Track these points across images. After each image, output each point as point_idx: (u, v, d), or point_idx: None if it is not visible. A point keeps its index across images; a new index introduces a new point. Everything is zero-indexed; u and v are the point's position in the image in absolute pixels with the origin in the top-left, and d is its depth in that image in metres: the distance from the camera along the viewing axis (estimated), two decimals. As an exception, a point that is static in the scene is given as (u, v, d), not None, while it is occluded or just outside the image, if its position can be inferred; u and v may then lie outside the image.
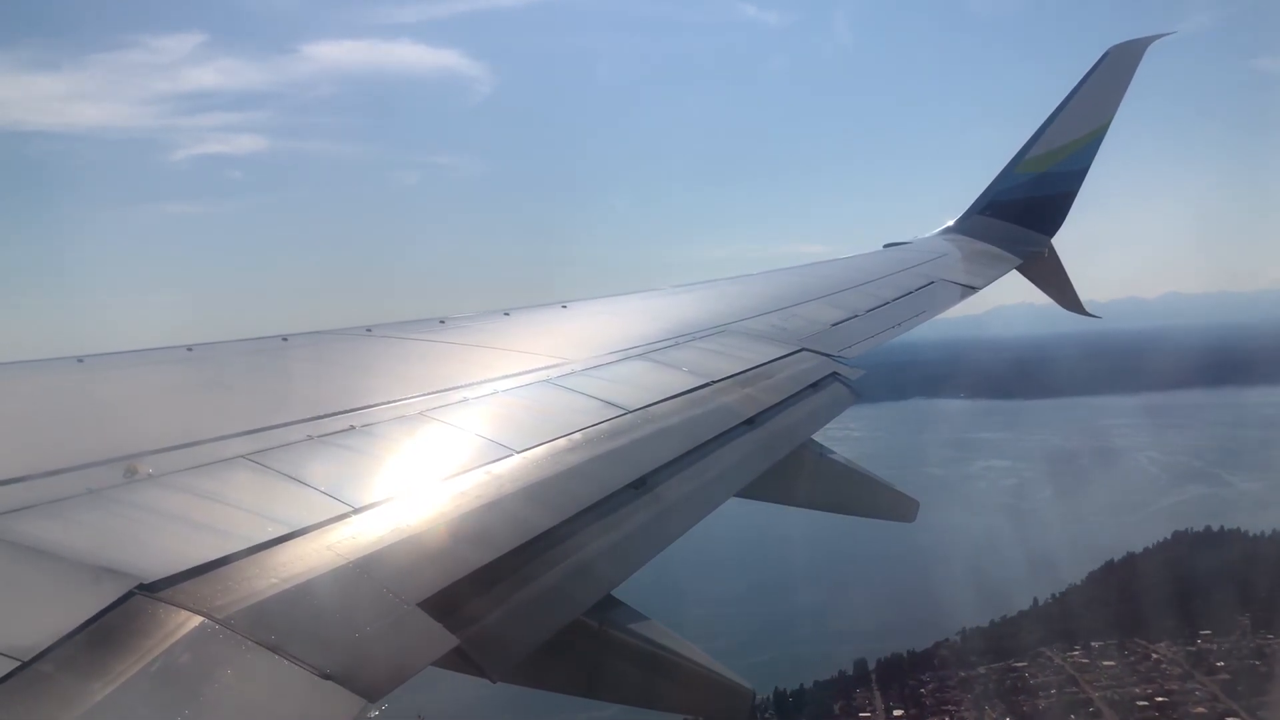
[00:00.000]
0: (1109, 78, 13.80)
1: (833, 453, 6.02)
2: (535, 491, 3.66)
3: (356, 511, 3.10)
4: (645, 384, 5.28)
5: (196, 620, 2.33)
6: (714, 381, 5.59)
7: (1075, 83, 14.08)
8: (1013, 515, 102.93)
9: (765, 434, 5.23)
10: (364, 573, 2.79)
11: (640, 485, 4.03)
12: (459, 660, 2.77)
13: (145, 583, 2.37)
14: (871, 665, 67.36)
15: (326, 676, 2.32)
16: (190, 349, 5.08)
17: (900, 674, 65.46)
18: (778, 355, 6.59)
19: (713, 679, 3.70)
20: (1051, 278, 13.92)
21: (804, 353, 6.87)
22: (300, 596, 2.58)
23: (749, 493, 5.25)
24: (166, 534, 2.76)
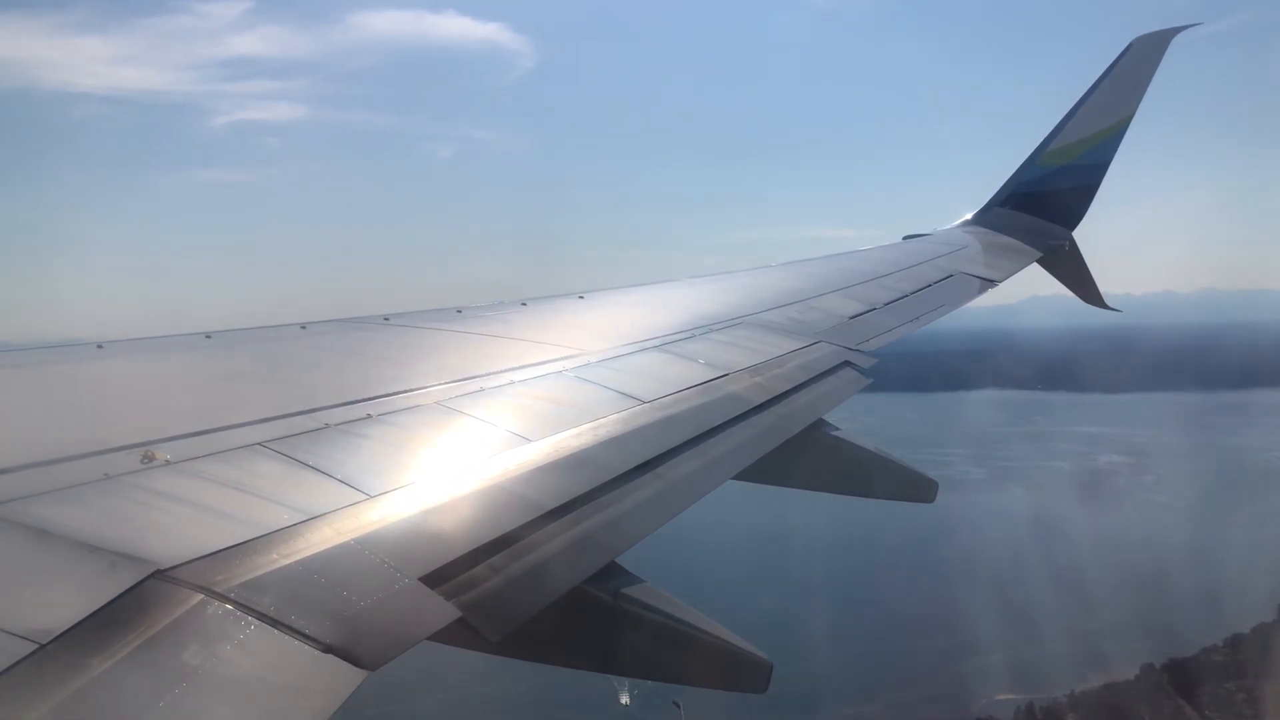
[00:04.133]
0: (1133, 69, 13.63)
1: (836, 430, 5.95)
2: (546, 475, 3.69)
3: (371, 499, 3.12)
4: (662, 376, 5.27)
5: (210, 602, 2.35)
6: (730, 373, 5.58)
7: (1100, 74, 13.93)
8: (1172, 513, 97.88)
9: (777, 419, 5.23)
10: (370, 552, 2.83)
11: (647, 467, 4.06)
12: (461, 632, 2.81)
13: (162, 568, 2.39)
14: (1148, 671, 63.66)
15: (328, 649, 2.36)
16: (209, 336, 5.11)
17: (1196, 680, 61.23)
18: (795, 348, 6.57)
19: (731, 651, 3.68)
20: (1072, 271, 13.80)
21: (821, 345, 6.84)
22: (308, 576, 2.62)
23: (769, 480, 5.25)
24: (183, 520, 2.78)
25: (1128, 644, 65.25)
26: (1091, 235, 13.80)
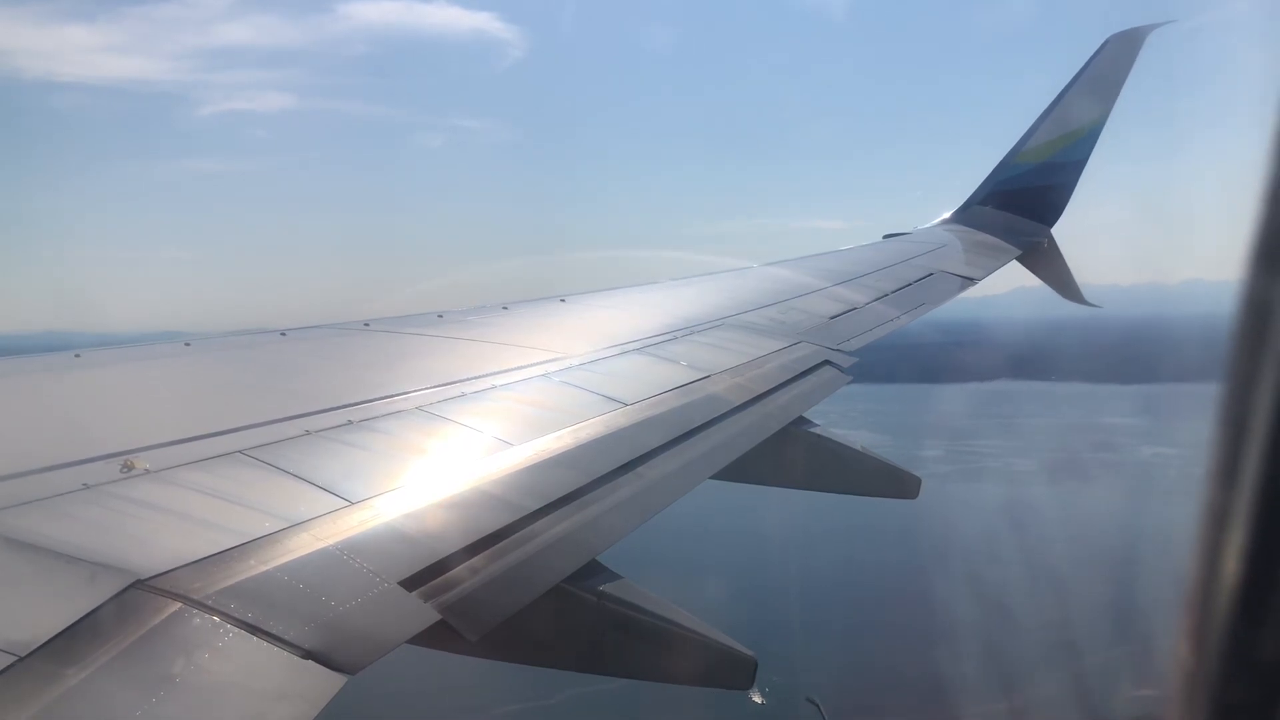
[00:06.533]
0: (1109, 67, 13.72)
1: (815, 426, 5.97)
2: (527, 478, 3.70)
3: (352, 505, 3.12)
4: (643, 378, 5.29)
5: (189, 611, 2.35)
6: (711, 375, 5.60)
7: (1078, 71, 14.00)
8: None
9: (756, 419, 5.26)
10: (350, 558, 2.84)
11: (627, 468, 4.08)
12: (442, 634, 2.82)
13: (142, 578, 2.39)
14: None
15: (308, 655, 2.37)
16: (188, 343, 5.09)
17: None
18: (776, 348, 6.60)
19: (715, 648, 3.69)
20: (1051, 267, 13.85)
21: (802, 345, 6.88)
22: (288, 583, 2.63)
23: (751, 479, 5.27)
24: (163, 530, 2.77)
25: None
26: (1077, 225, 13.78)
